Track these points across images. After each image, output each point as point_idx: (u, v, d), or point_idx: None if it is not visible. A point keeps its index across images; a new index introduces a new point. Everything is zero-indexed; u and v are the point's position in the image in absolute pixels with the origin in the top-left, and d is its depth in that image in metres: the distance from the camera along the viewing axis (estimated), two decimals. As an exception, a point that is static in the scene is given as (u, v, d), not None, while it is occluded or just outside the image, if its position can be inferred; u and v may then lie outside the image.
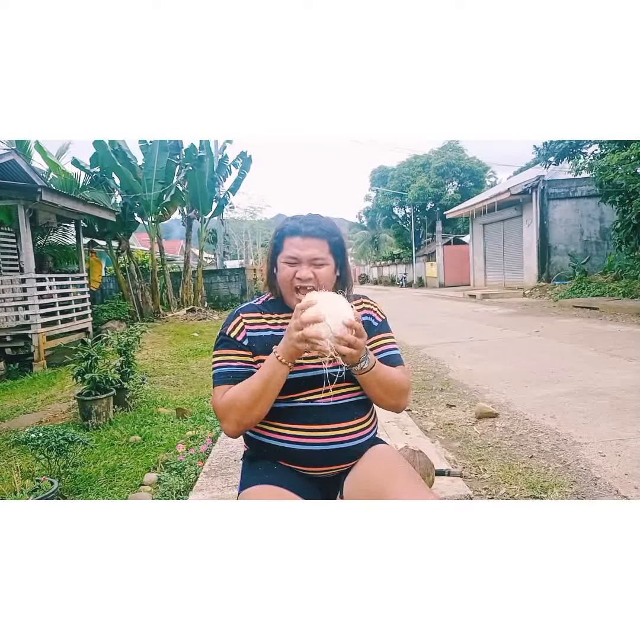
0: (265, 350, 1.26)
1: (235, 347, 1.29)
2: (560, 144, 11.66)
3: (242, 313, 1.34)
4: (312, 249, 1.26)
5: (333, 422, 1.26)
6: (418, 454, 2.15)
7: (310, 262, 1.26)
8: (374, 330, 1.37)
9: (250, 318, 1.33)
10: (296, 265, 1.26)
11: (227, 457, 2.74)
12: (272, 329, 1.31)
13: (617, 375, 4.52)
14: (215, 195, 13.66)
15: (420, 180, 29.97)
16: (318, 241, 1.27)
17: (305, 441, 1.26)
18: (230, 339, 1.30)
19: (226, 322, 1.35)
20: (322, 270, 1.27)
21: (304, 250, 1.26)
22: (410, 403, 4.10)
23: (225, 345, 1.31)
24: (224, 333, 1.32)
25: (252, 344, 1.29)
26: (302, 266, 1.26)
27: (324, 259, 1.27)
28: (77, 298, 8.74)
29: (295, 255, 1.26)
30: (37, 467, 2.78)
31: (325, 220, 1.32)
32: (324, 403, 1.27)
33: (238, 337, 1.30)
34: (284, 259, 1.28)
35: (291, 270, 1.27)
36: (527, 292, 14.61)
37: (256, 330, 1.31)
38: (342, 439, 1.27)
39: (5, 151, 7.95)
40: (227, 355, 1.29)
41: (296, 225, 1.28)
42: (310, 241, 1.26)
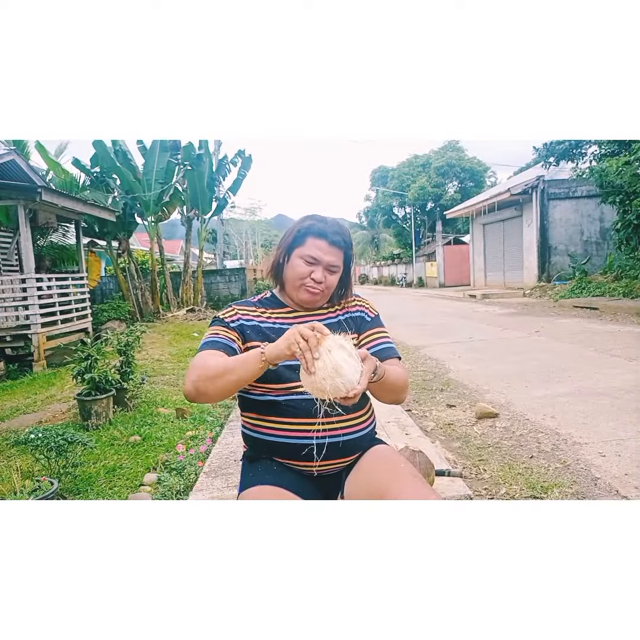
0: (256, 338, 1.29)
1: (224, 326, 1.32)
2: (561, 145, 11.66)
3: (236, 305, 1.39)
4: (333, 256, 1.33)
5: (327, 416, 1.26)
6: (418, 454, 2.16)
7: (326, 267, 1.32)
8: (367, 325, 1.42)
9: (243, 309, 1.37)
10: (312, 265, 1.32)
11: (227, 458, 2.74)
12: (266, 321, 1.35)
13: (617, 375, 4.52)
14: (215, 195, 13.66)
15: (420, 180, 29.98)
16: (338, 251, 1.34)
17: (303, 435, 1.26)
18: (221, 320, 1.34)
19: (220, 312, 1.39)
20: (333, 277, 1.35)
21: (326, 255, 1.32)
22: (410, 403, 4.10)
23: (216, 325, 1.34)
24: (217, 317, 1.37)
25: (245, 330, 1.32)
26: (319, 268, 1.32)
27: (338, 267, 1.35)
28: (77, 298, 8.74)
29: (317, 257, 1.31)
30: (37, 467, 2.78)
31: (345, 230, 1.39)
32: None
33: (230, 320, 1.33)
34: (304, 256, 1.32)
35: (307, 269, 1.32)
36: (527, 292, 14.61)
37: (249, 319, 1.34)
38: (340, 432, 1.27)
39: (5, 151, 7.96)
40: (218, 332, 1.30)
41: (324, 229, 1.33)
42: (333, 249, 1.33)
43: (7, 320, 7.01)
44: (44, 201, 7.06)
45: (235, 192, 14.15)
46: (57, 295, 8.05)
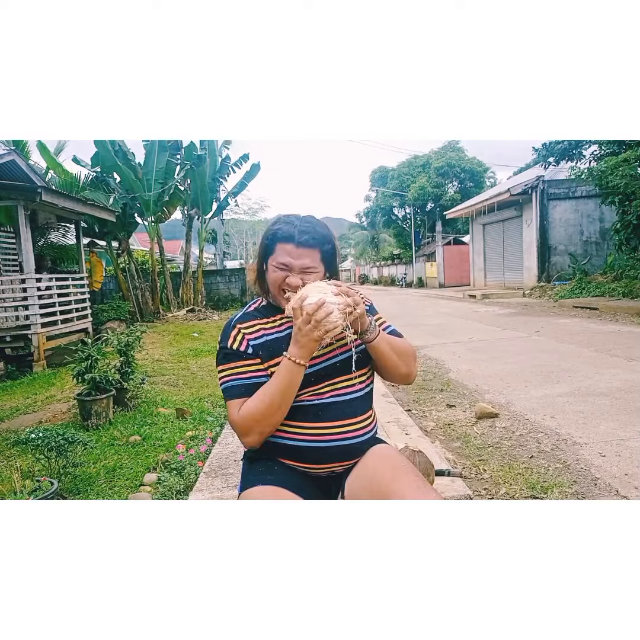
0: (271, 355, 1.27)
1: (240, 359, 1.28)
2: (560, 144, 11.66)
3: (239, 324, 1.33)
4: (304, 258, 1.26)
5: (335, 420, 1.27)
6: (418, 454, 2.15)
7: (301, 270, 1.27)
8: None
9: (247, 327, 1.32)
10: (286, 270, 1.27)
11: (227, 458, 2.74)
12: (271, 332, 1.31)
13: (617, 375, 4.52)
14: (216, 196, 13.66)
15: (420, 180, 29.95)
16: (310, 251, 1.27)
17: (308, 438, 1.26)
18: (233, 351, 1.29)
19: (224, 335, 1.33)
20: (312, 277, 1.28)
21: (296, 259, 1.26)
22: (410, 403, 4.10)
23: (230, 359, 1.29)
24: (225, 347, 1.31)
25: (257, 351, 1.28)
26: (293, 273, 1.27)
27: (315, 267, 1.28)
28: (77, 298, 8.73)
29: (287, 263, 1.26)
30: (37, 467, 2.78)
31: (320, 225, 1.32)
32: (326, 400, 1.27)
33: (241, 348, 1.29)
34: (275, 263, 1.28)
35: (281, 275, 1.28)
36: (527, 292, 14.61)
37: (256, 337, 1.30)
38: (345, 436, 1.27)
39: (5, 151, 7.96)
40: (235, 368, 1.28)
41: (290, 231, 1.27)
42: (303, 251, 1.26)
43: (7, 320, 7.01)
44: (44, 201, 7.05)
45: (237, 195, 14.15)
46: (57, 295, 8.05)
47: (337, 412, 1.27)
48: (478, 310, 11.84)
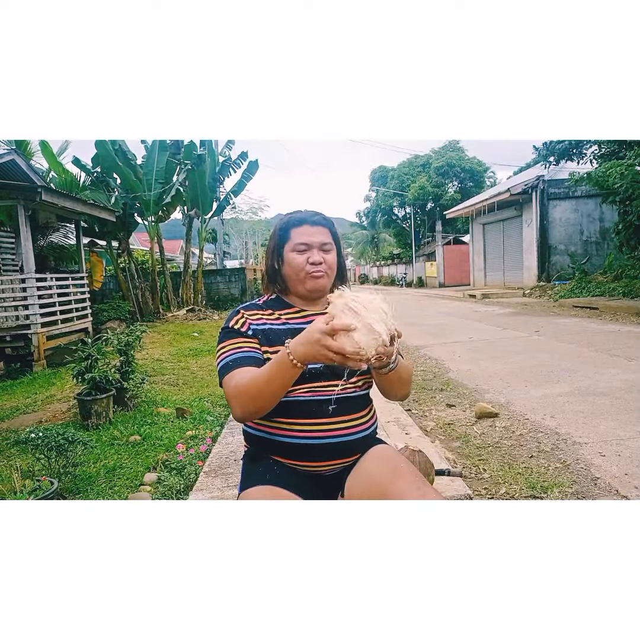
0: (269, 342, 1.28)
1: (240, 336, 1.30)
2: (560, 144, 11.65)
3: (244, 310, 1.37)
4: (321, 235, 1.33)
5: (334, 416, 1.27)
6: (418, 453, 2.15)
7: (320, 247, 1.32)
8: None
9: (252, 315, 1.35)
10: (306, 252, 1.32)
11: (227, 457, 2.74)
12: (274, 323, 1.33)
13: (617, 375, 4.52)
14: (216, 196, 13.65)
15: (420, 180, 29.97)
16: (324, 229, 1.35)
17: (306, 435, 1.26)
18: (235, 330, 1.31)
19: (228, 319, 1.36)
20: (330, 256, 1.34)
21: (313, 236, 1.32)
22: (410, 403, 4.10)
23: (231, 336, 1.31)
24: (227, 327, 1.33)
25: (257, 335, 1.30)
26: (313, 251, 1.32)
27: (331, 244, 1.35)
28: (77, 298, 8.74)
29: (307, 241, 1.32)
30: (37, 467, 2.78)
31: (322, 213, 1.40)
32: (325, 397, 1.27)
33: (242, 328, 1.31)
34: (294, 247, 1.32)
35: (303, 258, 1.32)
36: (527, 292, 14.61)
37: (258, 324, 1.33)
38: (343, 432, 1.27)
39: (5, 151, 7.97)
40: (234, 344, 1.28)
41: (302, 216, 1.35)
42: (317, 228, 1.34)
43: (7, 320, 7.01)
44: (44, 201, 7.06)
45: (237, 194, 14.14)
46: (57, 295, 8.05)
47: (335, 408, 1.27)
48: (478, 310, 11.84)
